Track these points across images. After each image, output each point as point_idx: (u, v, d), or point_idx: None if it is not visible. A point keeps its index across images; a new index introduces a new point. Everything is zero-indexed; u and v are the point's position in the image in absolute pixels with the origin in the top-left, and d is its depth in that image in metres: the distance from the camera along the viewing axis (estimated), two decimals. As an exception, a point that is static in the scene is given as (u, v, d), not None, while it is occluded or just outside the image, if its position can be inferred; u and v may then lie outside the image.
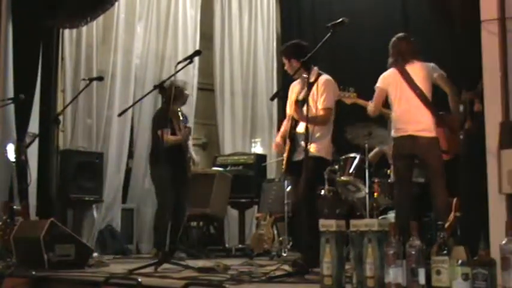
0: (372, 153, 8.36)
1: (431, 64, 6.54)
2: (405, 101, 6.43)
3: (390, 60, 6.63)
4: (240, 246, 9.43)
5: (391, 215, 7.50)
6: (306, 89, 6.10)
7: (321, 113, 6.36)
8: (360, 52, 10.19)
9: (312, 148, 6.27)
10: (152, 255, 7.95)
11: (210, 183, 9.20)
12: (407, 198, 6.46)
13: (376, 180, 7.90)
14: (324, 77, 6.42)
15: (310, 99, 6.13)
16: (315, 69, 6.45)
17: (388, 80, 6.59)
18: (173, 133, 8.05)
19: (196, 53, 7.10)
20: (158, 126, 7.87)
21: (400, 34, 6.71)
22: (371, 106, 6.81)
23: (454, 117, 6.34)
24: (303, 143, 6.29)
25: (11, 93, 8.41)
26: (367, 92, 7.67)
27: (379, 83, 6.65)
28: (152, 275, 5.62)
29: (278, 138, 6.90)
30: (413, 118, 6.37)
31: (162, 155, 7.78)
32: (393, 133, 6.56)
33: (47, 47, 8.78)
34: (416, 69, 6.46)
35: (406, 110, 6.42)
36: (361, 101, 7.09)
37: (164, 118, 7.88)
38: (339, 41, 8.19)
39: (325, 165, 6.82)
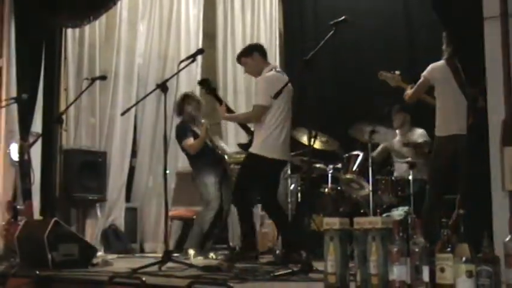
0: (376, 152, 8.35)
1: None
2: (453, 99, 6.27)
3: (446, 48, 6.42)
4: (244, 244, 9.41)
5: (395, 213, 7.51)
6: None
7: (251, 110, 6.64)
8: (362, 50, 10.18)
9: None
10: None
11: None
12: (440, 196, 6.39)
13: (379, 178, 7.91)
14: (265, 74, 6.52)
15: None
16: (270, 65, 6.62)
17: (437, 73, 6.45)
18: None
19: (199, 51, 7.12)
20: (180, 140, 8.09)
21: None
22: (409, 93, 6.74)
23: None
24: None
25: (14, 93, 8.42)
26: (368, 90, 7.69)
27: (427, 73, 6.52)
28: (156, 274, 5.63)
29: None
30: (459, 116, 6.22)
31: (202, 160, 8.06)
32: (437, 132, 6.48)
33: (49, 47, 8.79)
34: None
35: (453, 108, 6.27)
36: (405, 85, 6.98)
37: (182, 129, 7.98)
38: (341, 39, 8.19)
39: (262, 163, 6.68)
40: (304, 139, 8.44)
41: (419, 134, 8.34)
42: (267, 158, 6.60)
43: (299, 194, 8.72)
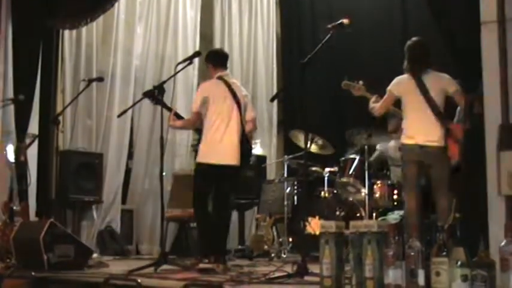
0: (373, 157, 8.35)
1: (446, 76, 6.45)
2: (418, 111, 6.37)
3: (406, 64, 6.56)
4: (239, 247, 9.41)
5: (391, 216, 7.51)
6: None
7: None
8: (360, 52, 10.20)
9: None
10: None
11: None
12: (415, 201, 6.45)
13: (375, 182, 7.92)
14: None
15: None
16: (218, 73, 6.71)
17: (402, 86, 6.53)
18: None
19: (196, 54, 7.15)
20: None
21: (416, 38, 6.60)
22: (376, 106, 6.81)
23: (459, 127, 6.32)
24: None
25: (10, 94, 8.42)
26: (369, 91, 7.69)
27: (392, 88, 6.59)
28: (152, 275, 5.63)
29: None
30: (424, 128, 6.33)
31: None
32: (403, 139, 6.53)
33: (46, 48, 8.79)
34: (432, 80, 6.39)
35: (418, 120, 6.37)
36: (369, 95, 7.05)
37: None
38: (338, 41, 8.20)
39: (200, 169, 6.70)
40: (301, 140, 8.45)
41: None
42: (204, 163, 6.60)
43: (295, 197, 8.72)
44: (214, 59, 7.01)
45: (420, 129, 6.38)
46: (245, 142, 6.79)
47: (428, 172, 6.48)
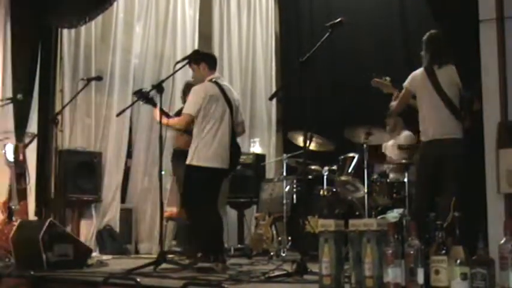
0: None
1: None
2: (431, 105, 6.39)
3: (424, 55, 6.55)
4: (239, 246, 9.42)
5: (390, 215, 7.51)
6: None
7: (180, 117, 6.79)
8: (358, 51, 10.19)
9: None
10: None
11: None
12: (426, 199, 6.45)
13: (374, 180, 7.91)
14: (198, 85, 6.76)
15: None
16: (212, 76, 6.68)
17: (416, 82, 6.54)
18: None
19: (195, 53, 7.12)
20: None
21: (435, 31, 6.54)
22: (394, 104, 6.82)
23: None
24: None
25: (9, 93, 8.41)
26: (364, 92, 7.70)
27: (407, 84, 6.61)
28: (151, 274, 5.63)
29: None
30: (437, 122, 6.33)
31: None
32: (421, 136, 6.56)
33: (45, 47, 8.78)
34: (445, 74, 6.37)
35: (432, 114, 6.38)
36: (396, 90, 7.04)
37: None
38: (337, 40, 8.20)
39: (194, 172, 6.61)
40: (300, 141, 8.44)
41: (404, 137, 8.38)
42: (199, 166, 6.57)
43: (294, 196, 8.72)
44: (209, 60, 6.97)
45: (433, 123, 6.36)
46: (235, 145, 6.80)
47: (440, 166, 6.42)
